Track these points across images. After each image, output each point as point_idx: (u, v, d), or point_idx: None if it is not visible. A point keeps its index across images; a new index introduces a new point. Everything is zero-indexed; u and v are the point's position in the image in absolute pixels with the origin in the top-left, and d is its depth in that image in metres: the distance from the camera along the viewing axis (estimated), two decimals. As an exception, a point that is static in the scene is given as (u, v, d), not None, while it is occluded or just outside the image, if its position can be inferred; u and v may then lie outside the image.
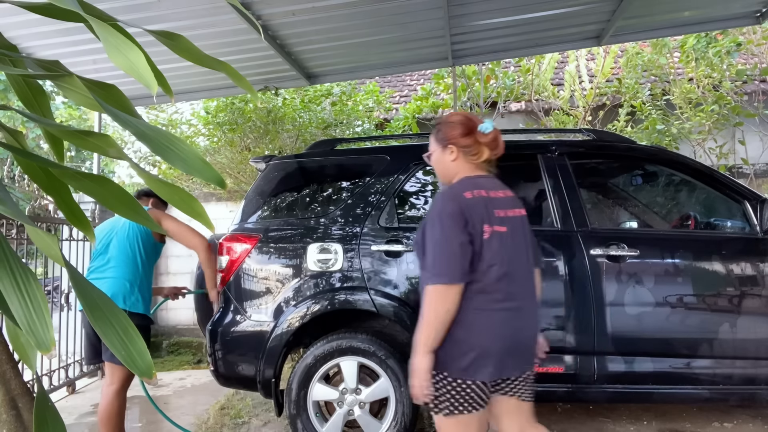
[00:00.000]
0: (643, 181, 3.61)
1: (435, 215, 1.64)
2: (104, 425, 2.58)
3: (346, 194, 2.97)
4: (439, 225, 1.61)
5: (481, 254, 1.61)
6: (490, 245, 1.62)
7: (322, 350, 2.67)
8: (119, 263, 2.68)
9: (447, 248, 1.58)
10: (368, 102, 6.82)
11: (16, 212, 0.87)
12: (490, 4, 3.88)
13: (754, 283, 2.63)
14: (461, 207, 1.61)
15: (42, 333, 0.81)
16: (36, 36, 3.76)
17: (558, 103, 6.80)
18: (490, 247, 1.62)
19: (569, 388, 2.62)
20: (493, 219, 1.64)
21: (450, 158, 1.76)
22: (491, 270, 1.62)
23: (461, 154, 1.74)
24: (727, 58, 5.77)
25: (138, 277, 2.71)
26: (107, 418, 2.57)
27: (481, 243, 1.61)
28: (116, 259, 2.69)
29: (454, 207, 1.61)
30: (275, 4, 3.59)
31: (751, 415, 3.25)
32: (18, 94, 1.19)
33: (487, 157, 1.75)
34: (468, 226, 1.60)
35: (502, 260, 1.63)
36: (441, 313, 1.57)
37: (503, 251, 1.64)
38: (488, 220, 1.63)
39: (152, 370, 0.87)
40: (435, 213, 1.65)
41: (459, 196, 1.64)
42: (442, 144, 1.77)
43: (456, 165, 1.75)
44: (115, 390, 2.58)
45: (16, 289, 0.83)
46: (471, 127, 1.74)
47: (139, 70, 0.89)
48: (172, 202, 1.00)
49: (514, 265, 1.67)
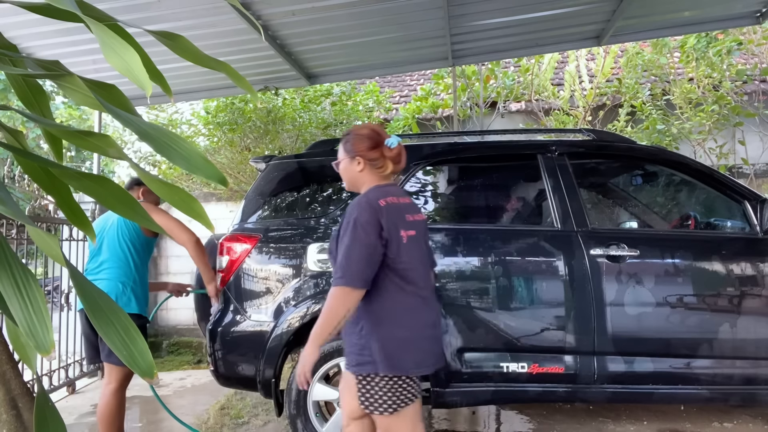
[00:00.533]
0: (643, 181, 3.61)
1: (350, 222, 1.74)
2: (103, 424, 2.58)
3: (347, 194, 2.97)
4: (352, 231, 1.71)
5: (400, 257, 1.74)
6: (407, 248, 1.76)
7: (322, 350, 2.66)
8: (112, 265, 2.67)
9: (355, 254, 1.70)
10: (368, 102, 6.82)
11: (16, 212, 0.87)
12: (490, 4, 3.88)
13: (754, 283, 2.63)
14: (377, 215, 1.72)
15: (41, 335, 0.81)
16: (36, 36, 3.76)
17: (558, 103, 6.80)
18: (407, 249, 1.76)
19: (569, 388, 2.61)
20: (406, 224, 1.79)
21: (357, 169, 1.87)
22: (409, 271, 1.77)
23: (368, 166, 1.86)
24: (727, 58, 5.77)
25: (131, 277, 2.68)
26: (106, 417, 2.57)
27: (398, 246, 1.74)
28: (109, 261, 2.68)
29: (370, 215, 1.72)
30: (275, 4, 3.59)
31: (751, 415, 3.25)
32: (18, 94, 1.19)
33: (392, 171, 1.89)
34: (384, 232, 1.72)
35: (416, 261, 1.80)
36: (340, 313, 1.69)
37: (415, 253, 1.80)
38: (402, 225, 1.77)
39: (153, 370, 0.87)
40: (350, 220, 1.75)
41: (374, 204, 1.75)
42: (350, 155, 1.88)
43: (362, 175, 1.87)
44: (114, 389, 2.59)
45: (16, 290, 0.83)
46: (378, 141, 1.86)
47: (133, 71, 0.89)
48: (172, 202, 1.00)
49: (423, 266, 1.86)
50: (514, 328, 2.64)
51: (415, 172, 2.96)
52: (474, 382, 2.64)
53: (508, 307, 2.66)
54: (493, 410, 3.52)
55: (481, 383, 2.64)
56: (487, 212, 3.43)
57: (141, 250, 2.77)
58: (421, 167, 3.00)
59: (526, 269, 2.71)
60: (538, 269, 2.72)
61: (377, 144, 1.85)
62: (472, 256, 2.74)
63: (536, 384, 2.62)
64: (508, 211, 3.31)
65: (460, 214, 3.41)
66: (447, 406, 2.70)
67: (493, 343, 2.64)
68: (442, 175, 3.38)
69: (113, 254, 2.69)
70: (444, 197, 3.40)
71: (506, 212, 3.31)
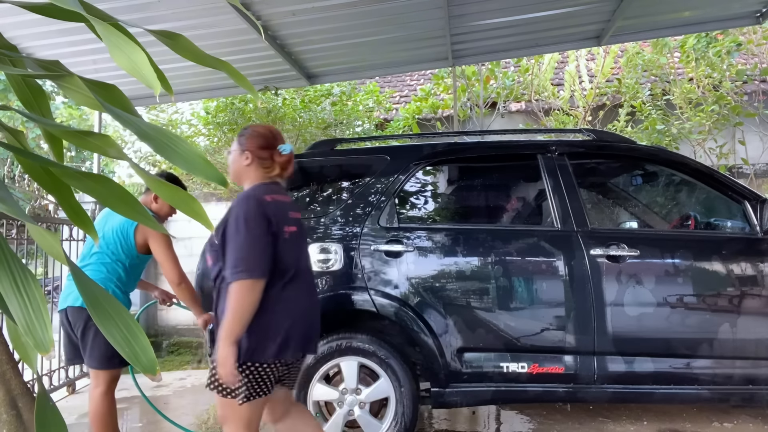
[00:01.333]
0: (643, 181, 3.61)
1: (240, 217, 1.79)
2: (96, 428, 2.55)
3: (347, 194, 2.97)
4: (244, 225, 1.78)
5: (284, 250, 1.85)
6: (289, 243, 1.88)
7: (322, 350, 2.67)
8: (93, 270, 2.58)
9: (251, 246, 1.77)
10: (368, 102, 6.82)
11: (17, 211, 0.87)
12: (490, 4, 3.88)
13: (754, 283, 2.63)
14: (265, 209, 1.81)
15: (41, 334, 0.81)
16: (36, 36, 3.76)
17: (558, 103, 6.80)
18: (288, 245, 1.87)
19: (569, 389, 2.61)
20: (288, 220, 1.90)
21: (244, 162, 1.96)
22: (291, 264, 1.88)
23: (255, 162, 1.95)
24: (727, 58, 5.77)
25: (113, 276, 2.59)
26: (98, 420, 2.52)
27: (283, 241, 1.85)
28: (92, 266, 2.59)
29: (259, 209, 1.81)
30: (275, 4, 3.59)
31: (751, 415, 3.25)
32: (18, 94, 1.19)
33: (277, 174, 1.98)
34: (272, 226, 1.81)
35: (297, 256, 1.92)
36: (247, 306, 1.74)
37: (296, 248, 1.93)
38: (285, 221, 1.88)
39: (155, 366, 0.87)
40: (239, 214, 1.80)
41: (261, 200, 1.83)
42: (241, 148, 1.96)
43: (248, 170, 1.95)
44: (102, 392, 2.52)
45: (16, 290, 0.83)
46: (271, 143, 1.96)
47: (141, 70, 0.89)
48: (172, 202, 1.00)
49: (303, 260, 1.99)
50: (514, 328, 2.64)
51: (415, 173, 2.96)
52: (474, 382, 2.64)
53: (508, 307, 2.66)
54: (493, 410, 3.52)
55: (481, 383, 2.64)
56: (487, 212, 3.43)
57: (129, 267, 2.66)
58: (421, 167, 3.00)
59: (526, 269, 2.72)
60: (538, 269, 2.72)
61: (269, 145, 1.95)
62: (473, 256, 2.74)
63: (536, 384, 2.62)
64: (508, 211, 3.31)
65: (460, 214, 3.42)
66: (447, 406, 2.70)
67: (493, 343, 2.64)
68: (442, 176, 3.38)
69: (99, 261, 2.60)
70: (444, 197, 3.40)
71: (506, 212, 3.32)
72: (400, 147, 3.71)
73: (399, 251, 2.73)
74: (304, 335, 1.92)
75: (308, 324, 1.95)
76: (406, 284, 2.70)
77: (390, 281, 2.71)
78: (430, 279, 2.70)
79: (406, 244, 2.73)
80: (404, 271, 2.71)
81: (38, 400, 0.91)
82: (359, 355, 2.66)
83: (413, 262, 2.71)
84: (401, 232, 2.78)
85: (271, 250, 1.81)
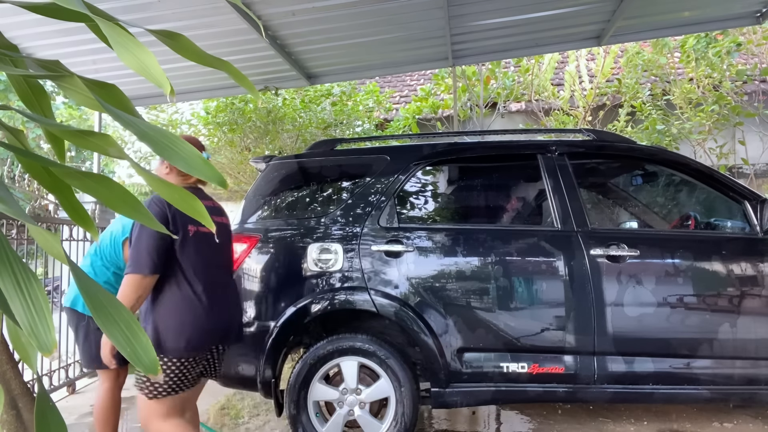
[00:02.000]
0: (643, 182, 3.61)
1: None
2: (98, 423, 2.61)
3: (347, 194, 2.97)
4: (139, 225, 1.91)
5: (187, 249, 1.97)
6: (194, 242, 1.98)
7: (322, 350, 2.67)
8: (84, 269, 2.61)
9: (143, 244, 1.89)
10: (368, 102, 6.83)
11: (17, 211, 0.87)
12: (490, 4, 3.89)
13: (754, 283, 2.63)
14: (165, 209, 1.93)
15: (43, 334, 0.81)
16: (36, 36, 3.76)
17: (558, 103, 6.81)
18: (195, 243, 1.98)
19: (570, 389, 2.61)
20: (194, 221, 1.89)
21: (164, 171, 2.12)
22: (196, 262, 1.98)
23: (174, 171, 2.09)
24: (727, 58, 5.77)
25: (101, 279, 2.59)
26: (100, 415, 2.61)
27: (186, 239, 1.96)
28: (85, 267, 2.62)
29: (157, 210, 1.92)
30: (275, 4, 3.59)
31: (751, 415, 3.25)
32: (19, 94, 1.19)
33: (194, 182, 2.12)
34: (170, 226, 1.92)
35: (205, 255, 2.02)
36: (133, 299, 1.86)
37: (206, 248, 2.03)
38: (192, 222, 1.96)
39: (157, 366, 0.87)
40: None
41: (164, 202, 1.91)
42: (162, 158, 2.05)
43: (168, 178, 2.06)
44: (107, 388, 2.60)
45: (18, 289, 0.83)
46: None
47: (149, 70, 0.89)
48: (172, 201, 0.99)
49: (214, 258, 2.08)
50: (514, 328, 2.64)
51: (415, 173, 2.96)
52: (474, 382, 2.64)
53: (508, 307, 2.66)
54: (493, 410, 3.52)
55: (481, 383, 2.64)
56: (487, 212, 3.43)
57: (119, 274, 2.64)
58: (421, 167, 3.00)
59: (526, 269, 2.72)
60: (538, 269, 2.72)
61: None
62: (473, 256, 2.74)
63: (536, 384, 2.62)
64: (509, 212, 3.31)
65: (461, 214, 3.42)
66: (447, 406, 2.70)
67: (494, 344, 2.64)
68: (442, 176, 3.38)
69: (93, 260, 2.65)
70: (444, 197, 3.40)
71: (506, 212, 3.31)
72: (400, 147, 3.71)
73: (399, 251, 2.73)
74: (216, 329, 2.03)
75: (218, 319, 2.04)
76: (406, 284, 2.70)
77: (390, 281, 2.71)
78: (430, 279, 2.70)
79: (406, 244, 2.73)
80: (404, 271, 2.71)
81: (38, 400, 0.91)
82: (359, 355, 2.66)
83: (413, 262, 2.71)
84: (401, 232, 2.78)
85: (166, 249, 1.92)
